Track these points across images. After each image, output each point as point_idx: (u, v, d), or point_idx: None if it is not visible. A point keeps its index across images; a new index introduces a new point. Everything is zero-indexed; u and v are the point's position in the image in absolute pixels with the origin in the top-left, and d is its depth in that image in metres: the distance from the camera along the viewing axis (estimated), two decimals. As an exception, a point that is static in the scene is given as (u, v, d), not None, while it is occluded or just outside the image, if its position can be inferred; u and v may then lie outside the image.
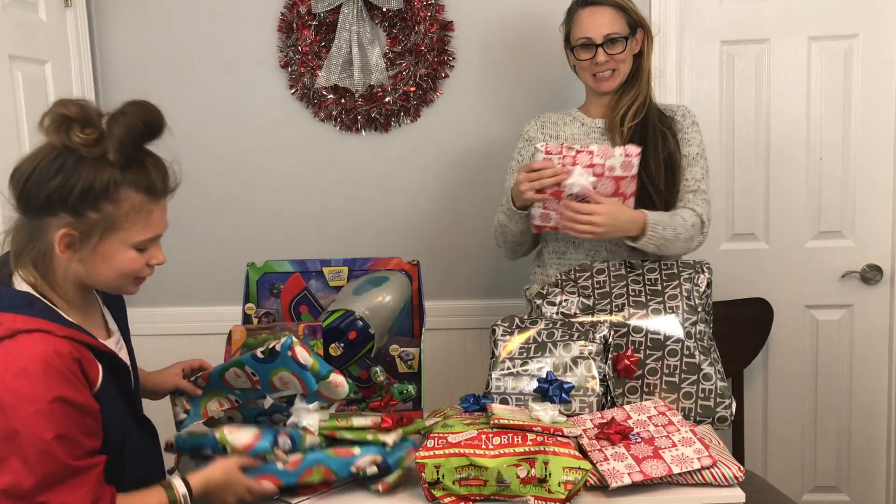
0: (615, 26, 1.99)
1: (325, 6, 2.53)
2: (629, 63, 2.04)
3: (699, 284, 1.83)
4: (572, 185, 1.82)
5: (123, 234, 1.27)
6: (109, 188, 1.24)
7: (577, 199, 1.83)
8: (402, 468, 1.52)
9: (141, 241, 1.29)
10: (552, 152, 1.85)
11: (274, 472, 1.48)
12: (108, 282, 1.32)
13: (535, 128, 2.16)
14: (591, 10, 2.01)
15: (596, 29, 1.99)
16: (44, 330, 1.21)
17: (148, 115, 1.27)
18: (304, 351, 1.51)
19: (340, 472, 1.50)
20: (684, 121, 2.05)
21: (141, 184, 1.27)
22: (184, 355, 1.83)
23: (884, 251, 2.60)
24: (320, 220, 2.69)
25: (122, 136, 1.24)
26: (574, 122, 2.13)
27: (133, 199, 1.26)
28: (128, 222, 1.26)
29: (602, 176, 1.82)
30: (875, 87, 2.53)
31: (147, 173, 1.28)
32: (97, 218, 1.24)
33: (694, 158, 2.03)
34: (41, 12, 2.41)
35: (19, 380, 1.16)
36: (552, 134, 2.13)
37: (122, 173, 1.25)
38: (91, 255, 1.27)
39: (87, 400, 1.23)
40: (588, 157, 1.83)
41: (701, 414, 1.72)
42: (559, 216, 1.88)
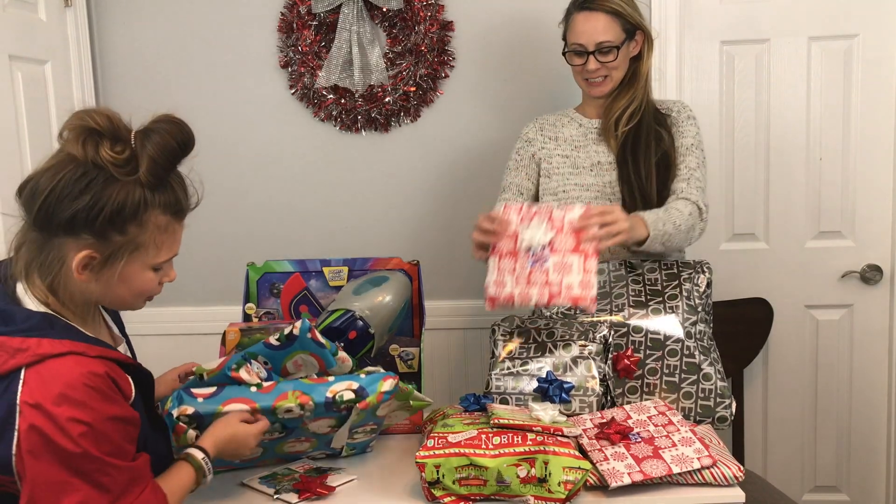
0: (608, 34, 1.96)
1: (325, 6, 2.53)
2: (623, 69, 2.01)
3: (699, 284, 1.83)
4: (528, 239, 1.68)
5: (145, 256, 1.22)
6: (139, 210, 1.18)
7: (533, 258, 1.68)
8: (379, 391, 1.53)
9: (161, 262, 1.26)
10: (512, 210, 1.74)
11: (247, 395, 1.47)
12: (121, 301, 1.28)
13: (534, 129, 2.16)
14: (585, 16, 1.98)
15: (588, 36, 1.96)
16: (75, 352, 1.17)
17: (181, 134, 1.21)
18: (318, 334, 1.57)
19: (316, 396, 1.49)
20: (679, 115, 2.04)
21: (169, 205, 1.23)
22: (184, 355, 1.83)
23: (884, 251, 2.60)
24: (320, 220, 2.69)
25: (157, 157, 1.18)
26: (572, 122, 2.13)
27: (159, 221, 1.22)
28: (152, 245, 1.22)
29: (562, 231, 1.67)
30: (875, 87, 2.53)
31: (174, 193, 1.24)
32: (122, 241, 1.19)
33: (688, 149, 1.99)
34: (41, 12, 2.41)
35: (61, 407, 1.11)
36: (551, 135, 2.12)
37: (153, 195, 1.19)
38: (109, 276, 1.21)
39: (129, 412, 1.21)
40: (547, 212, 1.70)
41: (701, 414, 1.72)
42: (531, 282, 1.68)
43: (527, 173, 2.12)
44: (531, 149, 2.13)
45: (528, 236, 1.68)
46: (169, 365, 1.73)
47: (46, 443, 1.11)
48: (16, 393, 1.13)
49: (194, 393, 1.48)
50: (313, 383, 1.52)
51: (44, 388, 1.12)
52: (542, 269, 1.66)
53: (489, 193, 2.52)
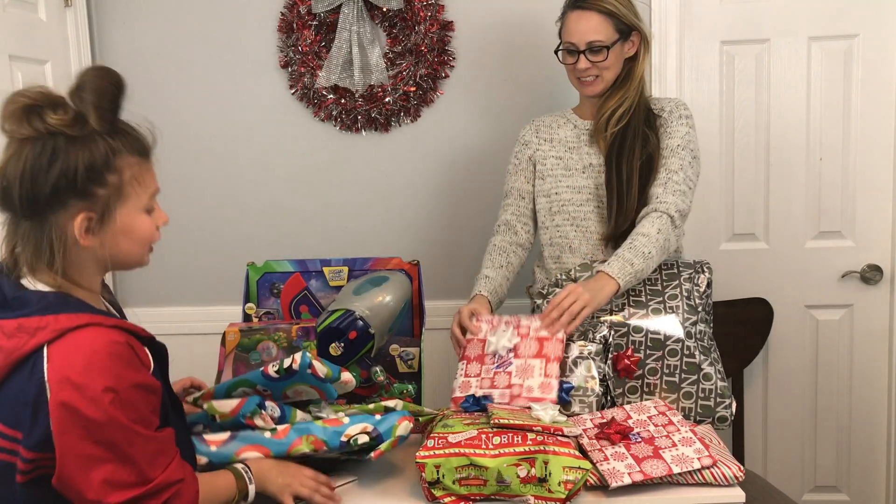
0: (600, 34, 1.95)
1: (325, 6, 2.53)
2: (615, 69, 2.00)
3: (699, 284, 1.82)
4: (494, 344, 1.77)
5: (133, 200, 1.25)
6: (109, 159, 1.21)
7: (498, 362, 1.75)
8: (395, 436, 1.51)
9: (147, 200, 1.28)
10: (483, 320, 1.85)
11: (262, 442, 1.47)
12: (131, 256, 1.30)
13: (531, 132, 2.16)
14: (577, 15, 1.98)
15: (580, 35, 1.96)
16: (93, 323, 1.20)
17: (110, 76, 1.23)
18: (319, 364, 1.52)
19: (331, 441, 1.48)
20: (671, 115, 2.00)
21: (133, 147, 1.25)
22: (184, 355, 1.83)
23: (884, 251, 2.60)
24: (320, 220, 2.69)
25: (99, 102, 1.20)
26: (567, 124, 2.12)
27: (131, 164, 1.24)
28: (134, 187, 1.25)
29: (527, 336, 1.75)
30: (875, 87, 2.53)
31: (132, 135, 1.26)
32: (107, 192, 1.22)
33: (673, 150, 1.95)
34: (41, 12, 2.41)
35: (87, 376, 1.15)
36: (546, 137, 2.12)
37: (113, 140, 1.22)
38: (112, 232, 1.24)
39: (152, 380, 1.24)
40: (515, 321, 1.79)
41: (701, 414, 1.72)
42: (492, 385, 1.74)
43: (525, 176, 2.13)
44: (528, 151, 2.13)
45: (494, 341, 1.78)
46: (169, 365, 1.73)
47: (75, 416, 1.14)
48: (42, 371, 1.15)
49: (207, 440, 1.46)
50: (327, 426, 1.50)
51: (68, 362, 1.15)
52: (505, 372, 1.73)
53: (489, 193, 2.53)
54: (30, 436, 1.16)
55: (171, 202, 2.67)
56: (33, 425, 1.16)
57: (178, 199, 2.69)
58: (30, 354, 1.17)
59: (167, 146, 2.62)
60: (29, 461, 1.17)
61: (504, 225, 2.13)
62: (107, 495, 1.16)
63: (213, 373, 1.89)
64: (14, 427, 1.18)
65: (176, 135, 2.66)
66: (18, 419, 1.17)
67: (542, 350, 1.72)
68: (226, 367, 1.79)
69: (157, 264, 2.76)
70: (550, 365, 1.70)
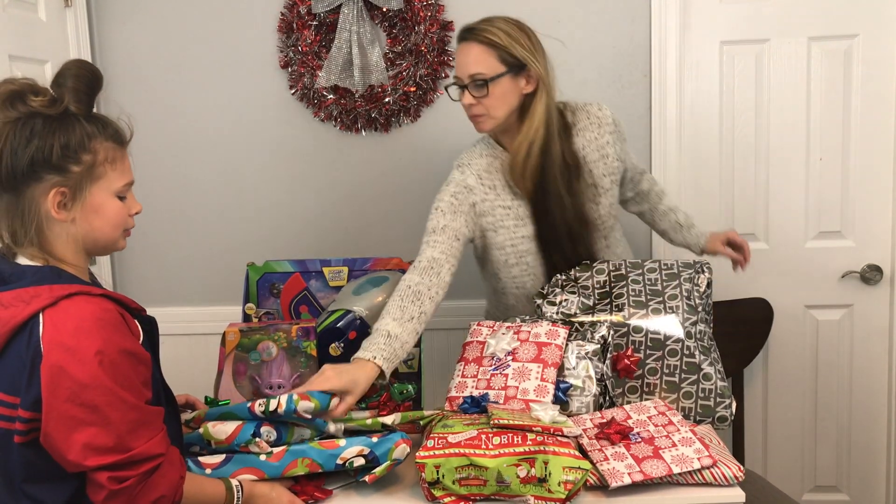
0: (480, 66, 1.80)
1: (325, 6, 2.53)
2: (504, 105, 1.83)
3: (699, 284, 1.83)
4: (493, 346, 1.77)
5: (106, 182, 1.32)
6: (84, 140, 1.29)
7: (496, 364, 1.74)
8: (391, 459, 1.51)
9: (121, 187, 1.34)
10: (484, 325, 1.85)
11: (257, 465, 1.47)
12: (105, 236, 1.35)
13: (473, 177, 1.94)
14: (462, 47, 1.85)
15: (462, 68, 1.83)
16: (83, 292, 1.27)
17: (87, 65, 1.34)
18: (305, 402, 1.49)
19: (326, 464, 1.49)
20: (602, 138, 1.93)
21: (108, 133, 1.33)
22: (183, 355, 1.84)
23: (884, 251, 2.60)
24: (320, 220, 2.69)
25: (77, 86, 1.30)
26: (503, 165, 1.94)
27: (106, 148, 1.31)
28: (107, 170, 1.32)
29: (526, 341, 1.75)
30: (875, 87, 2.53)
31: (109, 123, 1.34)
32: (81, 170, 1.29)
33: (642, 173, 2.16)
34: (41, 12, 2.41)
35: (76, 338, 1.22)
36: (489, 185, 1.94)
37: (90, 125, 1.30)
38: (84, 210, 1.31)
39: (141, 350, 1.30)
40: (516, 326, 1.79)
41: (701, 414, 1.72)
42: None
43: (466, 220, 1.91)
44: (472, 197, 1.93)
45: (493, 344, 1.77)
46: (169, 365, 1.72)
47: (63, 377, 1.21)
48: (38, 335, 1.23)
49: (202, 463, 1.47)
50: (323, 448, 1.50)
51: (61, 326, 1.23)
52: (502, 374, 1.73)
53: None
54: (26, 396, 1.23)
55: (172, 202, 2.70)
56: (29, 386, 1.22)
57: (178, 199, 2.70)
58: (26, 322, 1.24)
59: (167, 146, 2.63)
60: (25, 421, 1.23)
61: (428, 262, 1.82)
62: (86, 458, 1.21)
63: (213, 373, 1.89)
64: (13, 393, 1.25)
65: (176, 135, 2.66)
66: (17, 384, 1.24)
67: (541, 355, 1.72)
68: (226, 367, 1.79)
69: (157, 264, 2.78)
70: (548, 370, 1.70)
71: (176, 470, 1.30)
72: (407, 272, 1.82)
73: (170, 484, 1.28)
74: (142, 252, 2.70)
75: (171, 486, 1.28)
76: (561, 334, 1.75)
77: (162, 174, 2.68)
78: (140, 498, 1.25)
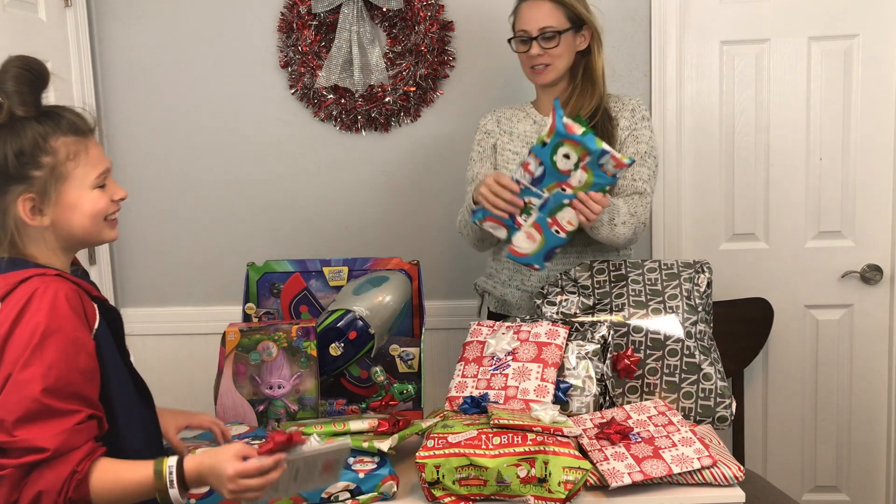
0: (551, 20, 1.98)
1: (325, 6, 2.53)
2: (567, 58, 2.01)
3: (699, 284, 1.83)
4: (493, 346, 1.78)
5: (76, 179, 1.28)
6: (38, 142, 1.24)
7: (496, 364, 1.75)
8: (377, 492, 1.50)
9: (95, 178, 1.30)
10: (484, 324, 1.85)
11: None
12: (85, 230, 1.32)
13: (492, 121, 2.15)
14: (530, 4, 2.01)
15: (532, 22, 1.99)
16: (38, 274, 1.25)
17: (28, 61, 1.25)
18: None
19: (311, 498, 1.47)
20: (634, 116, 2.02)
21: (64, 126, 1.27)
22: (184, 355, 1.84)
23: (884, 251, 2.59)
24: (320, 220, 2.69)
25: (19, 88, 1.23)
26: (527, 118, 2.12)
27: (67, 144, 1.27)
28: (74, 166, 1.27)
29: (526, 341, 1.77)
30: (875, 87, 2.53)
31: (66, 118, 1.28)
32: (44, 174, 1.25)
33: (642, 157, 1.99)
34: (41, 12, 2.41)
35: (20, 311, 1.21)
36: (507, 129, 2.12)
37: (41, 124, 1.25)
38: (58, 210, 1.28)
39: (84, 335, 1.25)
40: (516, 327, 1.80)
41: (701, 414, 1.72)
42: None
43: (491, 163, 2.12)
44: (491, 140, 2.13)
45: (493, 344, 1.78)
46: (169, 365, 1.72)
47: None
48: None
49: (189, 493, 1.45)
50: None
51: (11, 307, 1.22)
52: (502, 374, 1.73)
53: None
54: None
55: (172, 202, 2.70)
56: None
57: (178, 199, 2.70)
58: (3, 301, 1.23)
59: (167, 146, 2.63)
60: None
61: None
62: None
63: (213, 373, 1.89)
64: None
65: (176, 134, 2.66)
66: None
67: (541, 355, 1.72)
68: (226, 367, 1.79)
69: (157, 264, 2.78)
70: (548, 370, 1.70)
71: (68, 467, 1.20)
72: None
73: (55, 479, 1.19)
74: (142, 252, 2.70)
75: (55, 482, 1.19)
76: (561, 334, 1.75)
77: (162, 174, 2.68)
78: (23, 490, 1.18)
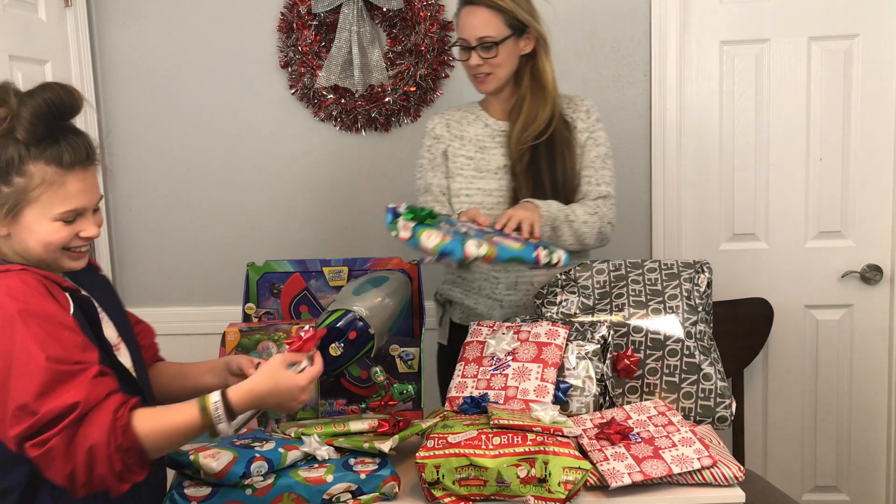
0: (489, 29, 1.91)
1: (325, 6, 2.53)
2: (508, 66, 1.96)
3: (699, 284, 1.83)
4: (493, 346, 1.77)
5: (40, 206, 1.30)
6: (15, 162, 1.27)
7: (496, 364, 1.75)
8: (378, 492, 1.50)
9: (60, 213, 1.31)
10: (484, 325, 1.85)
11: (243, 500, 1.45)
12: (37, 254, 1.33)
13: (441, 125, 2.10)
14: (468, 11, 1.95)
15: (470, 31, 1.93)
16: (4, 270, 1.29)
17: (56, 98, 1.29)
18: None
19: (312, 499, 1.47)
20: (590, 118, 2.01)
21: (50, 157, 1.29)
22: (184, 355, 1.83)
23: (884, 251, 2.60)
24: (320, 220, 2.69)
25: (29, 117, 1.27)
26: (477, 121, 2.08)
27: (44, 172, 1.29)
28: (42, 194, 1.29)
29: (526, 341, 1.76)
30: (875, 87, 2.53)
31: (57, 147, 1.29)
32: (10, 191, 1.28)
33: (603, 160, 1.99)
34: (41, 12, 2.41)
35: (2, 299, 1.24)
36: (457, 133, 2.07)
37: (28, 149, 1.28)
38: (16, 227, 1.31)
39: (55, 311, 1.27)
40: (516, 327, 1.80)
41: (701, 414, 1.72)
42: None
43: (443, 171, 2.08)
44: (441, 146, 2.08)
45: (493, 344, 1.77)
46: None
47: None
48: None
49: (188, 496, 1.45)
50: (310, 484, 1.47)
51: None
52: (502, 374, 1.73)
53: (489, 193, 2.52)
54: None
55: (172, 202, 2.70)
56: None
57: (179, 199, 2.70)
58: None
59: (167, 146, 2.63)
60: None
61: None
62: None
63: (213, 373, 1.88)
64: None
65: (176, 134, 2.66)
66: None
67: (541, 355, 1.72)
68: (226, 368, 1.79)
69: (157, 264, 2.78)
70: (548, 370, 1.70)
71: (107, 417, 1.22)
72: None
73: (99, 432, 1.21)
74: (142, 252, 2.70)
75: (101, 434, 1.21)
76: (561, 334, 1.75)
77: (162, 174, 2.68)
78: (75, 455, 1.20)
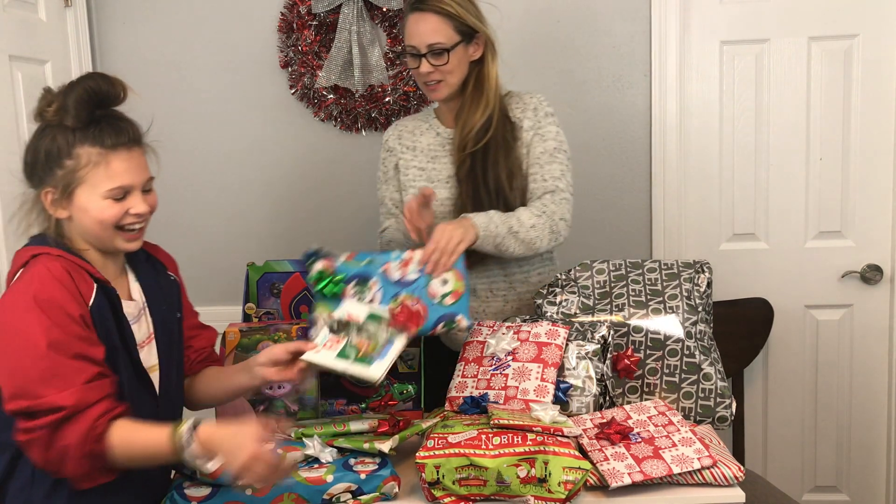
0: (439, 36, 1.87)
1: (325, 6, 2.53)
2: (459, 73, 1.91)
3: (699, 284, 1.83)
4: (493, 346, 1.76)
5: (89, 185, 1.40)
6: (65, 147, 1.40)
7: (496, 364, 1.74)
8: (378, 492, 1.50)
9: (109, 190, 1.41)
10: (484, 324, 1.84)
11: (243, 499, 1.45)
12: (94, 233, 1.44)
13: (394, 138, 2.07)
14: (416, 17, 1.89)
15: (419, 37, 1.88)
16: (43, 253, 1.41)
17: (96, 86, 1.41)
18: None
19: (312, 499, 1.47)
20: (537, 115, 1.95)
21: (93, 139, 1.40)
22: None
23: (884, 251, 2.60)
24: (320, 220, 2.69)
25: (73, 104, 1.39)
26: (430, 130, 2.04)
27: (89, 154, 1.40)
28: (88, 174, 1.40)
29: (526, 341, 1.75)
30: (875, 87, 2.53)
31: (99, 130, 1.41)
32: (64, 174, 1.40)
33: (551, 154, 1.92)
34: (41, 12, 2.41)
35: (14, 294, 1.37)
36: (409, 144, 2.04)
37: (75, 133, 1.40)
38: (73, 209, 1.42)
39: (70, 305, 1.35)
40: (516, 326, 1.79)
41: (701, 414, 1.73)
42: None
43: (395, 185, 2.07)
44: (393, 159, 2.06)
45: (493, 344, 1.77)
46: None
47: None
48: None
49: (188, 496, 1.46)
50: (310, 484, 1.47)
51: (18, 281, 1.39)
52: (502, 374, 1.73)
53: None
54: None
55: (172, 202, 2.69)
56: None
57: (179, 199, 2.69)
58: (13, 280, 1.42)
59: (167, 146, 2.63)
60: None
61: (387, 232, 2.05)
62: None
63: (213, 373, 1.88)
64: None
65: (176, 135, 2.66)
66: None
67: (541, 355, 1.72)
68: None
69: (157, 264, 2.76)
70: (548, 370, 1.70)
71: (87, 423, 1.30)
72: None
73: (77, 434, 1.30)
74: (142, 252, 2.70)
75: (78, 437, 1.29)
76: (561, 334, 1.75)
77: (162, 174, 2.66)
78: (51, 449, 1.30)
